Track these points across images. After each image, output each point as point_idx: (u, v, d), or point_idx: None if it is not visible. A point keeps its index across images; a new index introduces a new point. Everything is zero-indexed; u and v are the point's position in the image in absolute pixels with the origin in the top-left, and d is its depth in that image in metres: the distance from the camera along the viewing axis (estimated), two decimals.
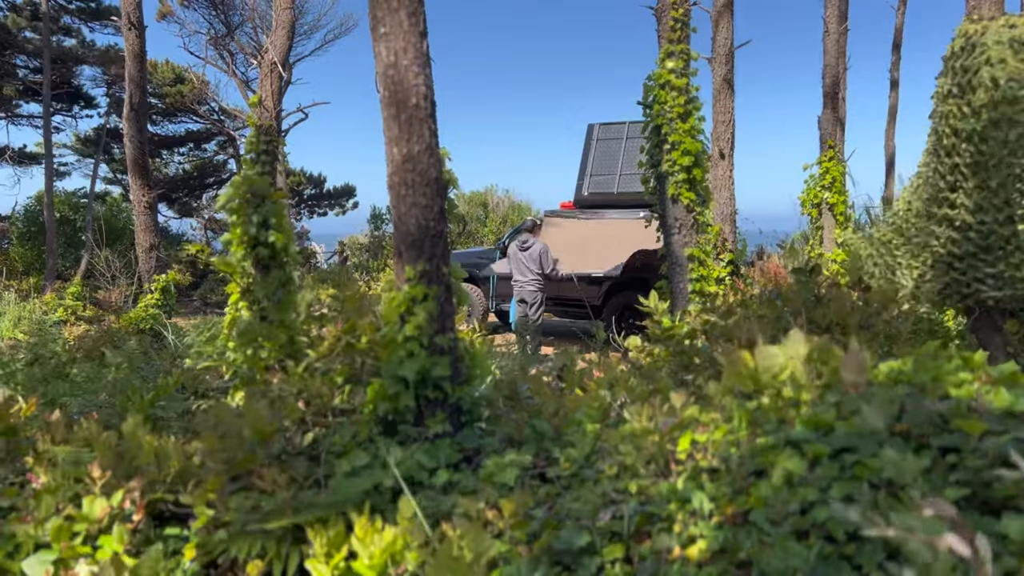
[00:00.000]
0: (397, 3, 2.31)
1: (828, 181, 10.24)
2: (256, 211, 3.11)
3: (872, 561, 1.30)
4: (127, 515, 1.91)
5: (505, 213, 21.14)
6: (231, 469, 1.94)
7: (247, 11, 20.15)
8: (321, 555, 1.67)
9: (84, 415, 3.02)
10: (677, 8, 5.98)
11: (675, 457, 1.77)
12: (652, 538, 1.57)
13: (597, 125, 11.30)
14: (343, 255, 18.99)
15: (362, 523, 1.64)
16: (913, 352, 1.86)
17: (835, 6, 10.44)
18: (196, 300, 15.14)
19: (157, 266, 10.81)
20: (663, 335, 3.42)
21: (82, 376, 5.17)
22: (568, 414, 2.45)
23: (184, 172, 23.69)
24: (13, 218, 18.30)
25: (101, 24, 19.10)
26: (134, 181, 10.85)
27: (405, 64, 2.32)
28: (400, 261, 2.37)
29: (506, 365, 4.93)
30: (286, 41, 7.72)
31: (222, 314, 10.84)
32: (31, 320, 9.42)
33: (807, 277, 3.38)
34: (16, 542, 1.84)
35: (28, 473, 2.12)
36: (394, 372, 2.28)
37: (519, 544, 1.67)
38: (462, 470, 2.13)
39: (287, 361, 2.69)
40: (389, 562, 1.62)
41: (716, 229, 7.41)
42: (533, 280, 8.86)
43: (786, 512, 1.43)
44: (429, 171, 2.35)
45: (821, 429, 1.57)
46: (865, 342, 2.75)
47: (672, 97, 6.00)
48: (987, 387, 1.58)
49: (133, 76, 10.63)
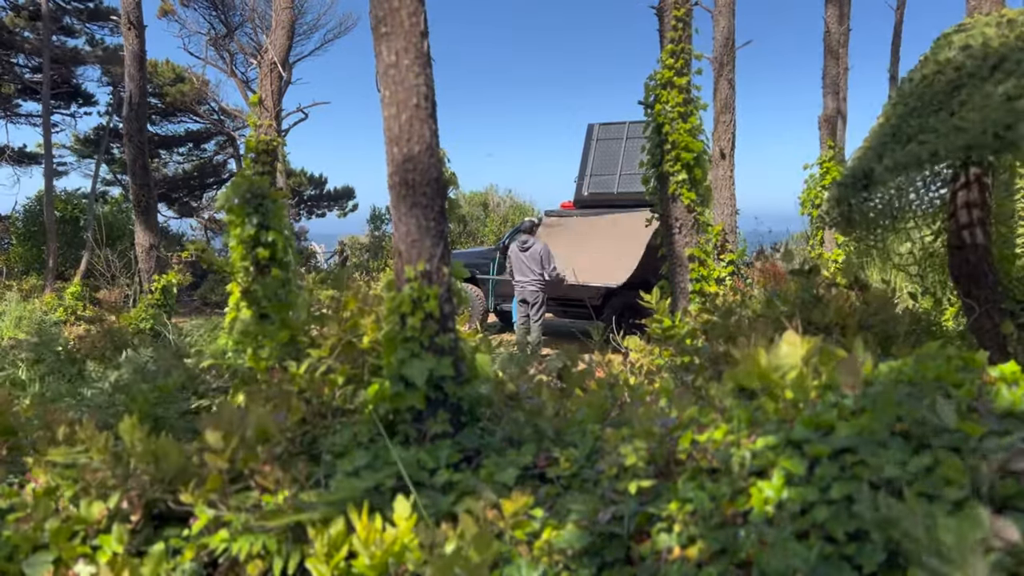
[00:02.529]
0: (398, 3, 2.31)
1: (828, 181, 10.24)
2: (255, 211, 3.11)
3: (872, 561, 1.30)
4: (126, 515, 1.91)
5: (506, 213, 21.14)
6: (232, 468, 1.94)
7: (247, 11, 20.17)
8: (322, 555, 1.67)
9: (84, 415, 3.02)
10: (679, 7, 5.98)
11: (675, 457, 1.77)
12: (652, 538, 1.57)
13: (597, 125, 11.30)
14: (343, 255, 18.99)
15: (363, 523, 1.64)
16: (913, 352, 1.86)
17: (836, 6, 10.44)
18: (196, 300, 15.14)
19: (157, 266, 10.80)
20: (663, 335, 3.42)
21: (83, 376, 5.17)
22: (568, 414, 2.45)
23: (184, 172, 23.70)
24: (13, 218, 18.30)
25: (100, 24, 19.10)
26: (134, 181, 10.84)
27: (406, 64, 2.32)
28: (400, 261, 2.36)
29: (506, 365, 4.93)
30: (286, 41, 7.72)
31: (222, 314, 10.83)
32: (31, 320, 9.42)
33: (806, 277, 3.39)
34: (16, 543, 1.84)
35: (28, 473, 2.12)
36: (396, 372, 2.28)
37: (519, 544, 1.67)
38: (462, 470, 2.13)
39: (288, 361, 2.69)
40: (390, 562, 1.62)
41: (717, 229, 7.41)
42: (534, 280, 8.87)
43: (786, 512, 1.43)
44: (430, 171, 2.35)
45: (821, 429, 1.57)
46: (864, 342, 2.75)
47: (673, 96, 6.00)
48: (987, 387, 1.59)
49: (133, 76, 10.62)
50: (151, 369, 4.66)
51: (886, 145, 3.15)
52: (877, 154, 3.18)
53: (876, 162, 3.15)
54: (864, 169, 3.20)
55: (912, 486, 1.35)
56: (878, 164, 3.10)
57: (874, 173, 3.11)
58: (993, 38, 3.01)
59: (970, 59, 3.00)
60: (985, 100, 2.80)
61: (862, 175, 3.21)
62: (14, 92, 18.58)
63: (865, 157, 3.29)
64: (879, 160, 3.13)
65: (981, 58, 2.98)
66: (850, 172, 3.35)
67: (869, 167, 3.17)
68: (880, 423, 1.49)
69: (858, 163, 3.32)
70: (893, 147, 3.09)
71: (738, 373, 1.84)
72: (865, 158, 3.28)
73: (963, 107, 2.90)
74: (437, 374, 2.29)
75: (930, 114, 3.02)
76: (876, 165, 3.11)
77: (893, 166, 3.00)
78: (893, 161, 3.00)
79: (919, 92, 3.14)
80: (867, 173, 3.18)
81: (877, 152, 3.18)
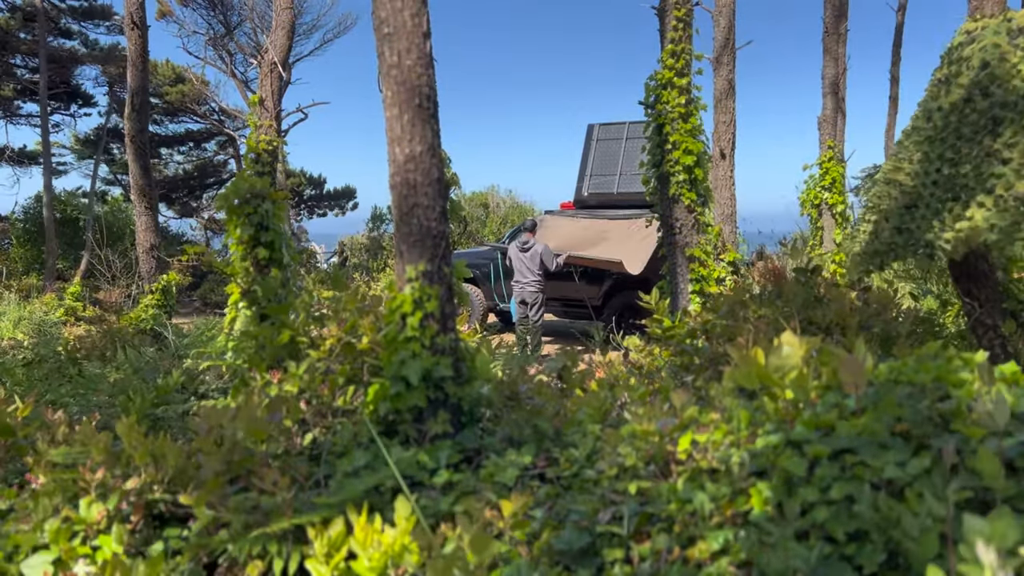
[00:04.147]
0: (401, 3, 2.31)
1: (828, 182, 10.24)
2: (255, 212, 3.11)
3: (872, 561, 1.29)
4: (125, 516, 1.91)
5: (506, 213, 21.15)
6: (229, 470, 1.94)
7: (246, 11, 20.18)
8: (321, 555, 1.67)
9: (85, 415, 3.02)
10: (679, 8, 5.99)
11: (675, 458, 1.77)
12: (652, 538, 1.57)
13: (597, 125, 11.30)
14: (343, 255, 18.98)
15: (362, 524, 1.64)
16: (913, 352, 1.85)
17: (835, 7, 10.44)
18: (196, 300, 15.15)
19: (157, 266, 10.81)
20: (663, 335, 3.42)
21: (83, 376, 5.17)
22: (568, 414, 2.45)
23: (184, 172, 23.71)
24: (12, 218, 18.31)
25: (95, 23, 19.09)
26: (135, 180, 10.85)
27: (408, 64, 2.32)
28: (401, 261, 2.36)
29: (506, 365, 4.93)
30: (286, 41, 7.72)
31: (222, 314, 10.84)
32: (31, 320, 9.42)
33: (807, 278, 3.39)
34: (15, 543, 1.84)
35: (27, 474, 2.12)
36: (396, 372, 2.28)
37: (519, 544, 1.67)
38: (462, 470, 2.13)
39: (288, 361, 2.69)
40: (389, 563, 1.62)
41: (717, 229, 7.41)
42: (534, 281, 8.87)
43: (786, 512, 1.43)
44: (431, 171, 2.35)
45: (821, 429, 1.57)
46: (865, 342, 2.74)
47: (674, 97, 6.00)
48: (987, 387, 1.58)
49: (135, 75, 10.62)
50: (151, 369, 4.66)
51: (943, 203, 2.96)
52: (934, 211, 3.00)
53: (934, 220, 3.00)
54: (924, 235, 3.05)
55: (912, 487, 1.34)
56: (944, 234, 2.90)
57: (936, 246, 2.98)
58: (1009, 52, 2.96)
59: (995, 83, 2.95)
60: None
61: (923, 242, 3.06)
62: (12, 93, 18.58)
63: (917, 211, 3.12)
64: (937, 217, 3.00)
65: (1008, 83, 2.91)
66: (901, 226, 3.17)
67: (929, 238, 3.02)
68: (881, 423, 1.49)
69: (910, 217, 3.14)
70: (951, 206, 2.93)
71: (738, 373, 1.84)
72: (918, 213, 3.11)
73: (1013, 150, 2.85)
74: (437, 374, 2.28)
75: (980, 161, 2.92)
76: (940, 237, 2.95)
77: (959, 242, 2.88)
78: (957, 236, 2.83)
79: (954, 126, 3.03)
80: (929, 243, 3.03)
81: (933, 208, 3.00)
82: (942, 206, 3.04)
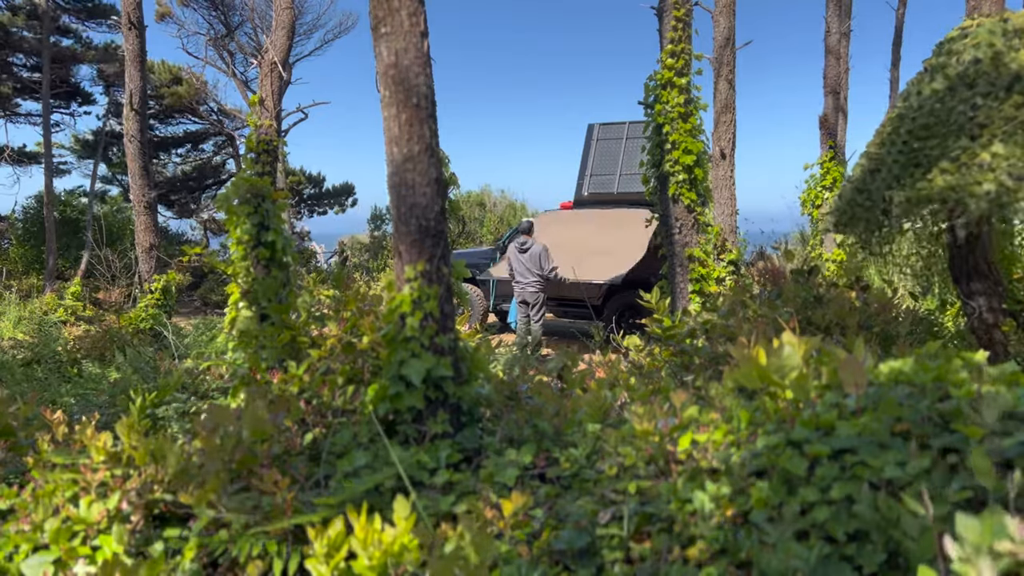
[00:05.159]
0: (398, 3, 2.31)
1: (829, 182, 10.24)
2: (255, 211, 3.11)
3: (872, 561, 1.29)
4: (126, 516, 1.91)
5: (503, 213, 21.16)
6: (231, 470, 1.94)
7: (247, 11, 20.16)
8: (321, 555, 1.67)
9: (85, 415, 3.02)
10: (679, 8, 5.98)
11: (675, 457, 1.77)
12: (652, 538, 1.57)
13: (597, 125, 11.31)
14: (343, 255, 18.98)
15: (362, 523, 1.64)
16: (913, 352, 1.85)
17: (836, 6, 10.44)
18: (196, 300, 15.15)
19: (157, 266, 10.80)
20: (663, 335, 3.42)
21: (83, 376, 5.18)
22: (568, 414, 2.45)
23: (183, 173, 23.69)
24: (12, 218, 18.30)
25: (97, 23, 19.08)
26: (134, 181, 10.84)
27: (406, 64, 2.32)
28: (400, 261, 2.36)
29: (506, 365, 4.93)
30: (286, 41, 7.71)
31: (222, 314, 10.84)
32: (31, 320, 9.42)
33: (806, 278, 3.39)
34: (15, 543, 1.84)
35: (27, 474, 2.12)
36: (396, 372, 2.28)
37: (519, 544, 1.67)
38: (462, 470, 2.13)
39: (288, 361, 2.69)
40: (389, 563, 1.62)
41: (717, 229, 7.41)
42: (534, 281, 8.88)
43: (786, 512, 1.43)
44: (429, 171, 2.35)
45: (821, 429, 1.57)
46: (865, 342, 2.75)
47: (673, 97, 6.00)
48: (988, 387, 1.58)
49: (133, 76, 10.61)
50: (151, 369, 4.66)
51: (904, 168, 3.08)
52: (894, 176, 3.10)
53: (894, 184, 3.06)
54: (882, 193, 3.12)
55: (911, 486, 1.34)
56: (899, 192, 3.01)
57: (893, 203, 3.04)
58: (1003, 51, 2.98)
59: (983, 76, 2.97)
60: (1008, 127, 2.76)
61: (880, 200, 3.14)
62: (12, 91, 18.56)
63: (879, 174, 3.20)
64: (897, 182, 3.05)
65: (994, 74, 2.94)
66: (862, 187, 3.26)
67: (887, 194, 3.09)
68: (880, 423, 1.49)
69: (871, 180, 3.23)
70: (912, 171, 3.02)
71: (738, 373, 1.84)
72: (880, 176, 3.19)
73: (984, 131, 2.87)
74: (437, 374, 2.28)
75: (948, 135, 2.97)
76: (896, 194, 3.03)
77: (916, 200, 2.94)
78: (916, 195, 2.93)
79: (930, 107, 3.09)
80: (886, 200, 3.10)
81: (894, 173, 3.11)
82: (903, 171, 3.09)
